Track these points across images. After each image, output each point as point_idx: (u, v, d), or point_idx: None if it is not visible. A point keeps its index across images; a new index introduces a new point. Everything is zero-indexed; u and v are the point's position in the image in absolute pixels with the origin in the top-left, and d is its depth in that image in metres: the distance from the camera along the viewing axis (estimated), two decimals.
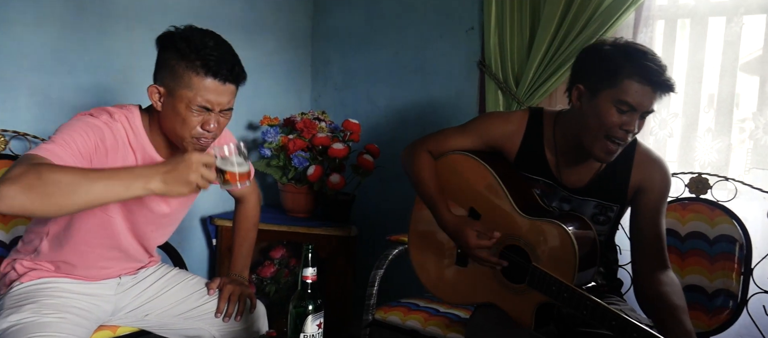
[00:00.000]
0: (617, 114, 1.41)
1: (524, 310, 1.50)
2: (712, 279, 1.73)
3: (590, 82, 1.46)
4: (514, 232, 1.52)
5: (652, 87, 1.39)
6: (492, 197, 1.57)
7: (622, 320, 1.29)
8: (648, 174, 1.53)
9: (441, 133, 1.71)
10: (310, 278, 1.37)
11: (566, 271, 1.41)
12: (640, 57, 1.39)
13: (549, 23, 2.15)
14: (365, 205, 2.66)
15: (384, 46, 2.67)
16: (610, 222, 1.59)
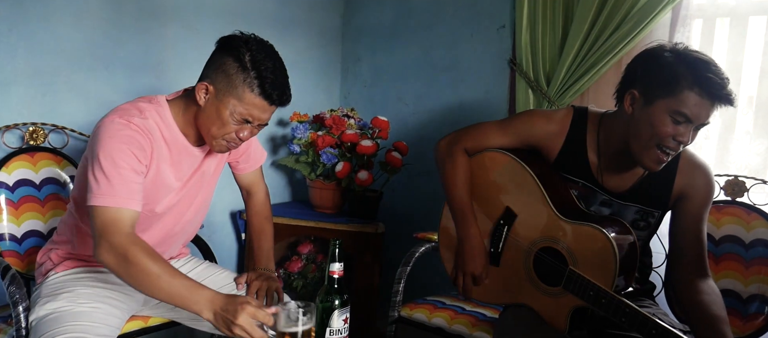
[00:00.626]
0: (672, 124, 1.37)
1: (559, 313, 1.47)
2: (747, 283, 1.68)
3: (647, 89, 1.41)
4: (551, 234, 1.50)
5: (712, 100, 1.34)
6: (529, 197, 1.55)
7: (663, 329, 1.26)
8: (692, 180, 1.49)
9: (479, 128, 1.67)
10: (336, 273, 1.38)
11: (605, 277, 1.38)
12: (702, 68, 1.34)
13: (582, 22, 2.12)
14: (392, 202, 2.66)
15: (413, 43, 2.67)
16: (650, 227, 1.56)
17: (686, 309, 1.46)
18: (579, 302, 1.42)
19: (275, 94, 1.42)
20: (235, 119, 1.42)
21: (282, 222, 2.44)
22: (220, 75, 1.41)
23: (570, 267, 1.44)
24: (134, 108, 1.44)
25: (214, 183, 1.68)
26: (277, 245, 2.52)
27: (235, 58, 1.39)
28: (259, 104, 1.41)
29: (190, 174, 1.56)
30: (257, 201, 1.83)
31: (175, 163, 1.51)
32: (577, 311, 1.45)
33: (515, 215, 1.58)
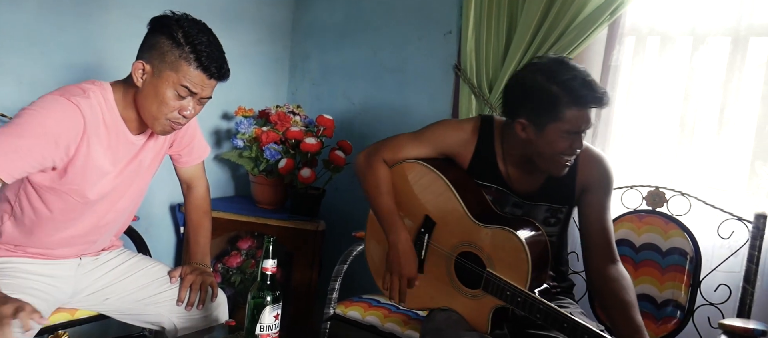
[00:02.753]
0: (566, 140, 1.48)
1: (480, 314, 1.53)
2: (663, 289, 1.79)
3: (533, 118, 1.50)
4: (468, 238, 1.56)
5: (590, 107, 1.46)
6: (446, 204, 1.61)
7: (573, 322, 1.35)
8: (592, 173, 1.60)
9: (395, 140, 1.73)
10: (270, 270, 1.40)
11: (520, 276, 1.46)
12: (572, 84, 1.44)
13: (524, 32, 2.19)
14: (335, 201, 2.68)
15: (363, 44, 2.69)
16: (560, 223, 1.65)
17: (599, 296, 1.56)
18: (498, 302, 1.49)
19: (213, 66, 1.42)
20: (175, 95, 1.41)
21: (223, 216, 2.43)
22: (155, 53, 1.40)
23: (487, 270, 1.51)
24: (78, 88, 1.43)
25: (151, 175, 1.67)
26: (217, 239, 2.51)
27: (167, 35, 1.39)
28: (198, 78, 1.41)
29: (126, 161, 1.54)
30: (197, 195, 1.82)
31: (112, 148, 1.48)
32: (497, 311, 1.51)
33: (434, 222, 1.63)
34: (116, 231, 1.69)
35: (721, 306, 1.74)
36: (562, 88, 1.44)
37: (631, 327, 1.41)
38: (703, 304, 1.76)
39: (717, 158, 1.96)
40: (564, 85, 1.44)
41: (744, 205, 1.84)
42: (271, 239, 1.39)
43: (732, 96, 1.94)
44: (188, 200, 1.83)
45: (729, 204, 1.82)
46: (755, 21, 1.90)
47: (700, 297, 1.77)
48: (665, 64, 2.04)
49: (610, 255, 1.57)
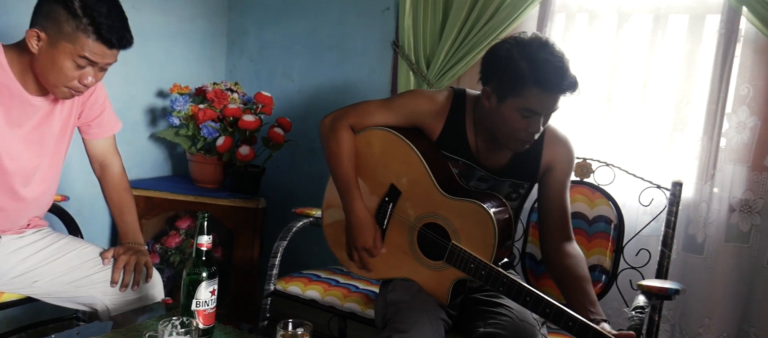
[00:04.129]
0: (523, 119, 1.47)
1: (441, 286, 1.54)
2: (589, 255, 1.87)
3: (497, 88, 1.49)
4: (433, 210, 1.56)
5: (554, 92, 1.45)
6: (414, 175, 1.59)
7: (536, 296, 1.37)
8: (556, 154, 1.63)
9: (364, 106, 1.69)
10: (205, 245, 1.39)
11: (486, 250, 1.47)
12: (541, 65, 1.42)
13: (460, 9, 2.22)
14: (275, 178, 2.67)
15: (302, 20, 2.67)
16: (520, 198, 1.68)
17: (555, 271, 1.60)
18: (461, 274, 1.50)
19: (114, 38, 1.38)
20: (73, 65, 1.37)
21: (160, 196, 2.39)
22: (51, 23, 1.35)
23: (452, 242, 1.51)
24: None
25: (64, 147, 1.61)
26: (155, 219, 2.46)
27: (63, 5, 1.34)
28: (98, 49, 1.37)
29: (31, 126, 1.49)
30: (114, 173, 1.76)
31: (6, 109, 1.44)
32: (457, 283, 1.53)
33: (400, 192, 1.62)
34: (38, 209, 1.63)
35: (642, 269, 1.84)
36: (530, 66, 1.43)
37: (587, 299, 1.46)
38: (626, 268, 1.87)
39: (640, 130, 2.06)
40: (534, 63, 1.43)
41: (664, 174, 1.95)
42: (206, 215, 1.38)
43: (653, 71, 2.04)
44: (105, 180, 1.75)
45: (650, 174, 1.93)
46: (673, 1, 2.00)
47: (623, 261, 1.87)
48: (593, 41, 2.12)
49: (566, 232, 1.62)
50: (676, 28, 2.02)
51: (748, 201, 1.89)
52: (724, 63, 1.89)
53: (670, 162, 2.03)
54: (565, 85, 1.44)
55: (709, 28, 1.96)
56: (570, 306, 1.37)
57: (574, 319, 1.31)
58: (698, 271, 1.96)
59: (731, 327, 1.94)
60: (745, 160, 1.89)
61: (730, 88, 1.91)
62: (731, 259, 1.92)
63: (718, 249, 1.93)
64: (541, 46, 1.46)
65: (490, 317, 1.49)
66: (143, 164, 2.59)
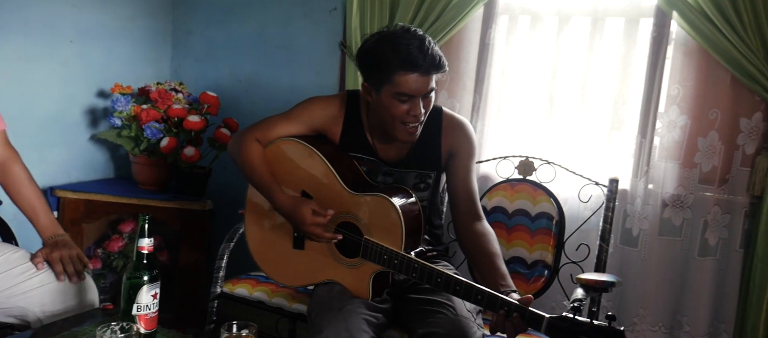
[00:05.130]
0: (400, 104, 1.53)
1: (361, 282, 1.58)
2: (532, 251, 1.93)
3: (371, 80, 1.57)
4: (345, 209, 1.60)
5: (421, 72, 1.50)
6: (321, 178, 1.64)
7: (447, 276, 1.43)
8: (456, 139, 1.69)
9: (267, 121, 1.73)
10: (146, 248, 1.37)
11: (395, 240, 1.52)
12: (402, 49, 1.48)
13: (407, 10, 2.25)
14: (223, 179, 2.63)
15: (248, 19, 2.65)
16: (430, 188, 1.73)
17: (468, 250, 1.66)
18: (377, 267, 1.55)
19: None
20: None
21: (102, 199, 2.32)
22: None
23: (365, 237, 1.56)
24: None
25: None
26: (96, 223, 2.40)
27: None
28: None
29: None
30: (16, 169, 1.66)
31: None
32: (377, 277, 1.57)
33: (311, 197, 1.66)
34: None
35: (582, 263, 1.91)
36: (393, 50, 1.50)
37: (498, 273, 1.52)
38: (567, 262, 1.93)
39: (580, 129, 2.14)
40: (396, 48, 1.49)
41: (602, 171, 2.03)
42: (146, 217, 1.36)
43: (592, 72, 2.11)
44: (8, 177, 1.66)
45: (589, 171, 2.00)
46: (610, 3, 2.07)
47: (563, 256, 1.93)
48: (535, 43, 2.18)
49: (475, 213, 1.68)
50: (612, 30, 2.10)
51: (679, 196, 1.99)
52: (656, 64, 1.98)
53: (609, 159, 2.10)
54: (429, 62, 1.50)
55: (643, 31, 2.04)
56: (483, 281, 1.44)
57: (483, 292, 1.37)
58: (634, 264, 2.04)
59: (665, 316, 2.03)
60: (677, 157, 1.99)
61: (663, 88, 2.00)
62: (664, 252, 2.01)
63: (653, 242, 2.02)
64: (404, 32, 1.53)
65: (428, 316, 1.53)
66: (84, 166, 2.51)
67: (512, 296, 1.38)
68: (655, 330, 2.04)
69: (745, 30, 1.81)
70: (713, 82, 1.93)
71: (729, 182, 1.95)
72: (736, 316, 1.95)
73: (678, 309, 2.03)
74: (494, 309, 1.35)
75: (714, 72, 1.92)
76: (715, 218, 1.96)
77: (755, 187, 1.89)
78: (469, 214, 1.68)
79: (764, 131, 1.90)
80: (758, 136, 1.90)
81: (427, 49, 1.50)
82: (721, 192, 1.96)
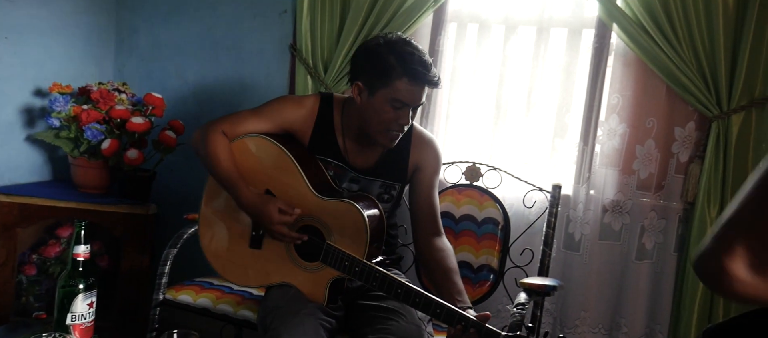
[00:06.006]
0: (393, 111, 1.56)
1: (318, 287, 1.57)
2: (478, 255, 1.97)
3: (368, 81, 1.58)
4: (310, 212, 1.59)
5: (420, 85, 1.56)
6: (288, 178, 1.62)
7: (407, 287, 1.44)
8: (423, 154, 1.72)
9: (235, 115, 1.71)
10: (81, 256, 1.32)
11: (359, 248, 1.52)
12: (408, 58, 1.54)
13: (358, 14, 2.25)
14: (168, 183, 2.57)
15: (196, 19, 2.59)
16: (393, 200, 1.74)
17: (426, 265, 1.69)
18: (336, 273, 1.54)
19: None
20: None
21: (38, 202, 2.22)
22: None
23: (327, 242, 1.55)
24: None
25: None
26: (31, 228, 2.30)
27: None
28: None
29: None
30: None
31: None
32: (334, 283, 1.56)
33: (275, 196, 1.64)
34: None
35: (526, 267, 1.96)
36: (398, 58, 1.54)
37: (455, 289, 1.55)
38: (511, 267, 1.97)
39: (525, 136, 2.19)
40: (401, 57, 1.54)
41: (546, 177, 2.08)
42: (83, 223, 1.31)
43: (537, 80, 2.16)
44: None
45: (534, 177, 2.05)
46: (554, 13, 2.13)
47: (508, 260, 1.97)
48: (483, 50, 2.22)
49: (436, 228, 1.71)
50: (556, 40, 2.16)
51: (618, 202, 2.06)
52: (597, 74, 2.05)
53: (553, 166, 2.16)
54: (430, 76, 1.56)
55: (585, 42, 2.11)
56: (440, 296, 1.46)
57: (442, 306, 1.39)
58: (576, 267, 2.10)
59: (605, 318, 2.10)
60: (616, 164, 2.06)
61: (604, 97, 2.07)
62: (605, 256, 2.08)
63: (593, 246, 2.08)
64: (407, 42, 1.59)
65: (378, 322, 1.53)
66: (18, 168, 2.40)
67: (469, 312, 1.40)
68: (596, 332, 2.11)
69: (679, 43, 1.89)
70: (650, 92, 2.01)
71: (664, 188, 2.04)
72: (671, 317, 2.03)
73: (617, 311, 2.10)
74: (452, 323, 1.37)
75: (651, 82, 2.00)
76: (652, 223, 2.04)
77: (688, 194, 1.98)
78: (429, 229, 1.70)
79: (697, 140, 1.99)
80: (691, 144, 1.99)
81: (430, 64, 1.57)
82: (657, 198, 2.04)
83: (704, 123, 1.96)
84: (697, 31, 1.87)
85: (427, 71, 1.55)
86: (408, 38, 1.61)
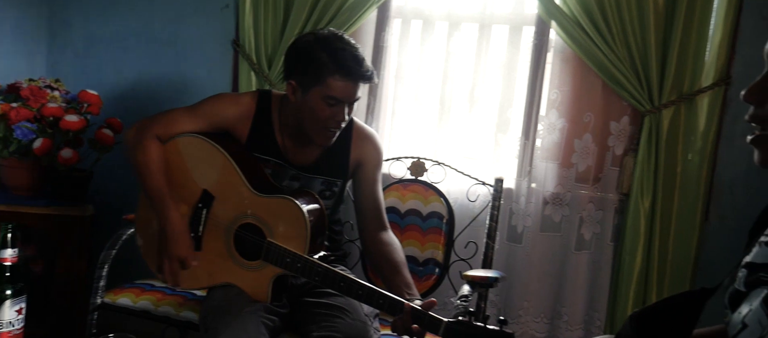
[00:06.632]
0: (328, 108, 1.55)
1: (261, 285, 1.55)
2: (424, 249, 1.99)
3: (301, 80, 1.57)
4: (249, 211, 1.57)
5: (354, 81, 1.55)
6: (226, 178, 1.60)
7: (350, 280, 1.44)
8: (364, 150, 1.72)
9: (168, 114, 1.67)
10: (9, 260, 1.26)
11: (299, 243, 1.51)
12: (340, 54, 1.53)
13: (302, 9, 2.22)
14: (105, 183, 2.48)
15: (133, 13, 2.51)
16: (335, 196, 1.74)
17: (373, 259, 1.69)
18: (278, 270, 1.52)
19: None
20: None
21: None
22: None
23: (268, 239, 1.53)
24: None
25: None
26: None
27: None
28: None
29: None
30: None
31: None
32: (277, 280, 1.54)
33: (213, 197, 1.62)
34: None
35: (470, 260, 1.99)
36: (330, 55, 1.53)
37: (404, 282, 1.55)
38: (456, 260, 2.00)
39: (469, 131, 2.22)
40: (333, 53, 1.53)
41: (489, 172, 2.12)
42: (9, 226, 1.25)
43: (480, 76, 2.20)
44: None
45: (477, 171, 2.08)
46: (496, 10, 2.17)
47: (453, 254, 2.00)
48: (427, 47, 2.24)
49: (381, 223, 1.71)
50: (498, 37, 2.20)
51: (558, 194, 2.12)
52: (537, 70, 2.10)
53: (496, 160, 2.20)
54: (363, 71, 1.56)
55: (526, 38, 2.16)
56: (389, 290, 1.46)
57: (384, 297, 1.39)
58: (519, 259, 2.16)
59: (547, 307, 2.16)
60: (556, 157, 2.12)
61: (544, 93, 2.12)
62: (546, 247, 2.14)
63: (535, 238, 2.14)
64: (339, 38, 1.58)
65: (323, 319, 1.53)
66: None
67: (415, 303, 1.40)
68: (538, 321, 2.16)
69: (613, 40, 1.96)
70: (587, 88, 2.07)
71: (601, 181, 2.11)
72: (608, 305, 2.11)
73: (558, 300, 2.16)
74: (395, 313, 1.37)
75: (588, 78, 2.06)
76: (590, 214, 2.11)
77: (623, 185, 2.06)
78: (375, 224, 1.70)
79: (631, 133, 2.06)
80: (625, 138, 2.07)
81: (362, 58, 1.56)
82: (595, 190, 2.11)
83: (637, 117, 2.04)
84: (630, 29, 1.94)
85: (359, 66, 1.54)
86: (340, 33, 1.60)
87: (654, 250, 2.01)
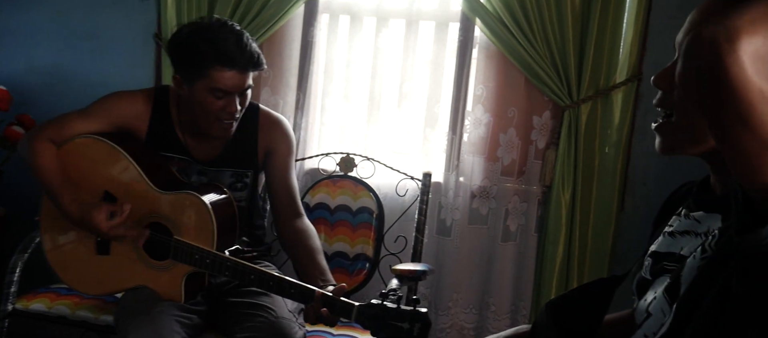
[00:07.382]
0: (216, 100, 1.49)
1: (173, 285, 1.51)
2: (354, 245, 1.99)
3: (184, 73, 1.51)
4: (154, 210, 1.52)
5: (240, 70, 1.48)
6: (126, 178, 1.54)
7: (260, 272, 1.40)
8: (273, 137, 1.68)
9: (61, 118, 1.60)
10: None
11: (206, 238, 1.47)
12: (221, 43, 1.45)
13: (226, 3, 2.18)
14: (17, 183, 2.34)
15: (44, 5, 2.38)
16: (247, 188, 1.70)
17: (288, 247, 1.65)
18: (189, 268, 1.49)
19: None
20: None
21: None
22: None
23: (175, 237, 1.49)
24: None
25: None
26: None
27: None
28: None
29: None
30: None
31: None
32: (189, 278, 1.51)
33: (115, 198, 1.56)
34: None
35: (400, 254, 2.01)
36: (210, 45, 1.45)
37: (318, 269, 1.53)
38: (386, 254, 2.01)
39: (398, 127, 2.24)
40: (213, 43, 1.45)
41: (418, 166, 2.14)
42: None
43: (408, 72, 2.22)
44: None
45: (406, 166, 2.10)
46: (423, 6, 2.20)
47: (383, 248, 2.01)
48: (356, 42, 2.24)
49: (295, 210, 1.68)
50: (425, 33, 2.23)
51: (485, 187, 2.17)
52: (463, 66, 2.14)
53: (424, 155, 2.23)
54: (246, 59, 1.48)
55: (452, 35, 2.19)
56: (304, 278, 1.45)
57: (295, 286, 1.37)
58: (448, 252, 2.20)
59: (475, 299, 2.21)
60: (482, 151, 2.17)
61: (470, 88, 2.17)
62: (474, 239, 2.19)
63: (463, 231, 2.18)
64: (220, 26, 1.50)
65: (247, 320, 1.50)
66: None
67: (328, 289, 1.39)
68: (467, 312, 2.21)
69: (534, 36, 2.02)
70: (511, 83, 2.13)
71: (525, 174, 2.18)
72: (533, 294, 2.18)
73: (486, 291, 2.21)
74: (307, 301, 1.36)
75: (511, 74, 2.12)
76: (515, 206, 2.18)
77: (546, 178, 2.13)
78: (288, 212, 1.67)
79: (552, 128, 2.14)
80: (547, 132, 2.15)
81: (245, 45, 1.47)
82: (519, 182, 2.18)
83: (558, 112, 2.12)
84: (550, 26, 2.01)
85: (241, 54, 1.46)
86: (225, 20, 1.53)
87: (575, 240, 2.10)
